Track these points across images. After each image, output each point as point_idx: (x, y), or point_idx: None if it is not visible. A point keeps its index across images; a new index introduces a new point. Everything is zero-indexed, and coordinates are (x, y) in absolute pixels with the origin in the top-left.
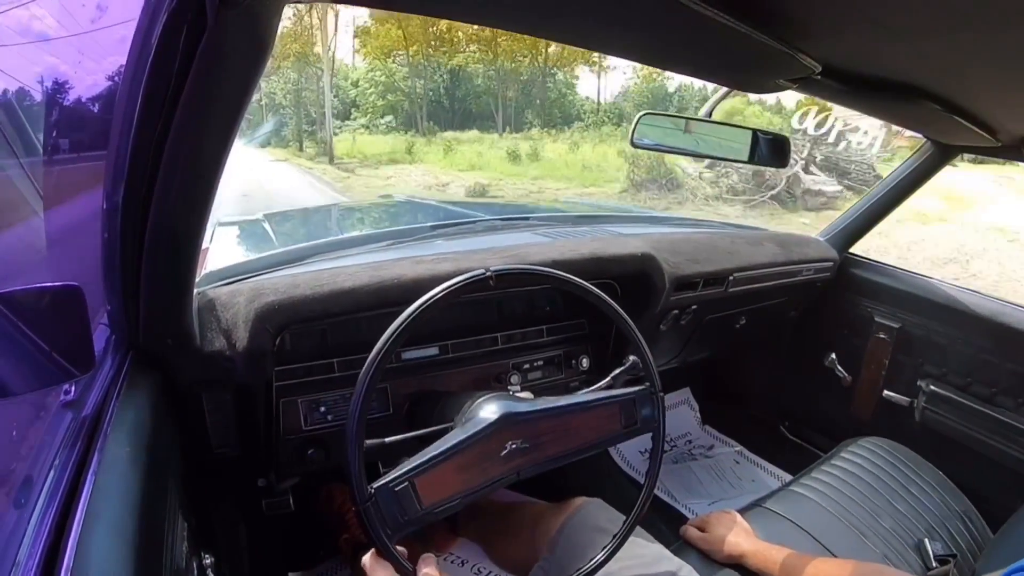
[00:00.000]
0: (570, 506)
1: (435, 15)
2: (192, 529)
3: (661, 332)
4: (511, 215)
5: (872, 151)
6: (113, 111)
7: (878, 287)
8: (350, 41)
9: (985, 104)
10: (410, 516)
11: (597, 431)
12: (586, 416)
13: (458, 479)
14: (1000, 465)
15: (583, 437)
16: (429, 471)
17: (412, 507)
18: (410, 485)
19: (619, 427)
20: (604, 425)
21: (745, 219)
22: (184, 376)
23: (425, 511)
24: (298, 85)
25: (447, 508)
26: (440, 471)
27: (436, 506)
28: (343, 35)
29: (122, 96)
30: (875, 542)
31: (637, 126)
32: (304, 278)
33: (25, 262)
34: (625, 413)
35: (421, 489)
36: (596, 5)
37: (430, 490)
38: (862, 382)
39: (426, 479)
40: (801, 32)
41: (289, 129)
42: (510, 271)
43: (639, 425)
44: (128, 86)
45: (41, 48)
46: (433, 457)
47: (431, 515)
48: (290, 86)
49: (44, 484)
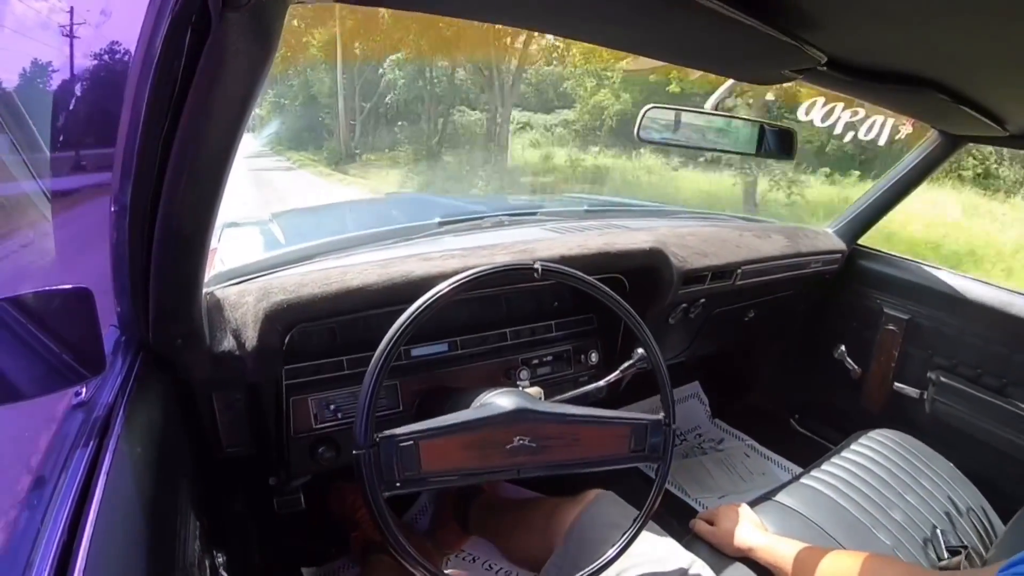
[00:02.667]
0: (583, 500)
1: (442, 13)
2: (204, 528)
3: (670, 326)
4: (518, 210)
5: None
6: (120, 113)
7: (887, 278)
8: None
9: (993, 94)
10: (408, 475)
11: (603, 449)
12: (597, 431)
13: (461, 455)
14: (1011, 456)
15: (588, 451)
16: (437, 438)
17: (412, 466)
18: (415, 445)
19: (626, 450)
20: (612, 444)
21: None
22: (194, 376)
23: (422, 475)
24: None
25: (443, 480)
26: (446, 441)
27: (433, 475)
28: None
29: (128, 97)
30: (885, 534)
31: (643, 120)
32: (312, 276)
33: (34, 265)
34: (635, 437)
35: (424, 453)
36: (601, 0)
37: (432, 456)
38: (872, 374)
39: (431, 445)
40: (806, 23)
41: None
42: (554, 268)
43: (646, 452)
44: (134, 87)
45: (46, 50)
46: (444, 427)
47: (427, 481)
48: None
49: (57, 485)
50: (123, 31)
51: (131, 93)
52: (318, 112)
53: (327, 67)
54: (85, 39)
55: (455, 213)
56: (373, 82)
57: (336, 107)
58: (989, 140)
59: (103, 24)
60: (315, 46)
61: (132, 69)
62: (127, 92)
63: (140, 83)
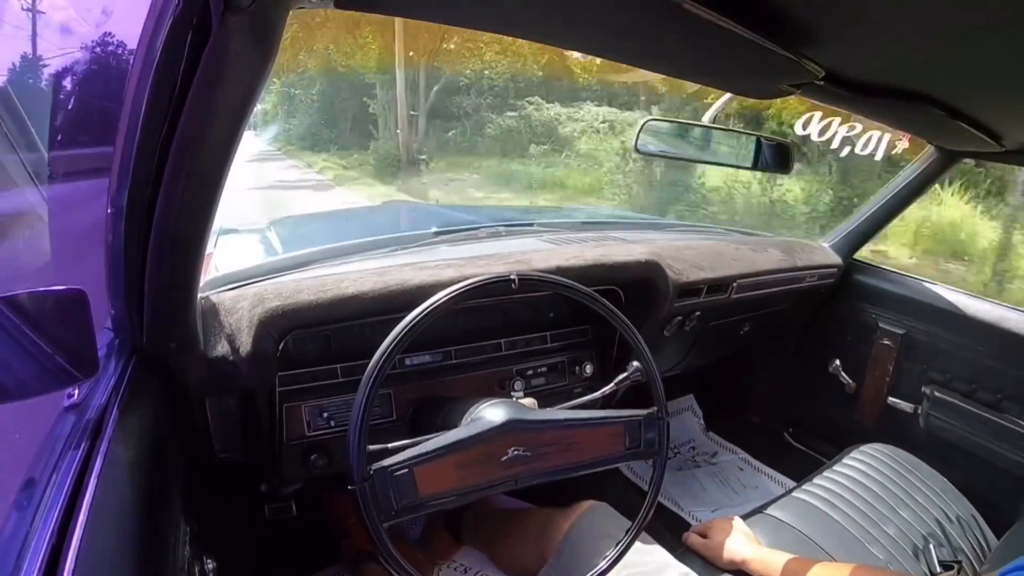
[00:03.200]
0: (576, 510)
1: (442, 22)
2: (194, 533)
3: (665, 338)
4: (515, 221)
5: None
6: (119, 115)
7: (882, 293)
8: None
9: (989, 109)
10: (406, 503)
11: (600, 449)
12: (591, 433)
13: (456, 476)
14: (1005, 471)
15: (585, 453)
16: (430, 462)
17: (409, 493)
18: (410, 472)
19: (622, 448)
20: (607, 444)
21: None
22: (187, 380)
23: (420, 501)
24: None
25: (442, 503)
26: (440, 464)
27: (431, 498)
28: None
29: (127, 100)
30: (879, 548)
31: (641, 133)
32: (308, 283)
33: (29, 265)
34: (630, 434)
35: (420, 479)
36: (599, 11)
37: (428, 481)
38: (866, 388)
39: (426, 470)
40: (804, 38)
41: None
42: (534, 278)
43: (642, 448)
44: (133, 89)
45: (45, 49)
46: (436, 449)
47: (425, 506)
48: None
49: (47, 487)
50: (124, 32)
51: (130, 95)
52: (355, 104)
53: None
54: (85, 39)
55: (451, 223)
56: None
57: (389, 98)
58: (985, 155)
59: (103, 24)
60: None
61: (132, 70)
62: (126, 93)
63: (139, 85)
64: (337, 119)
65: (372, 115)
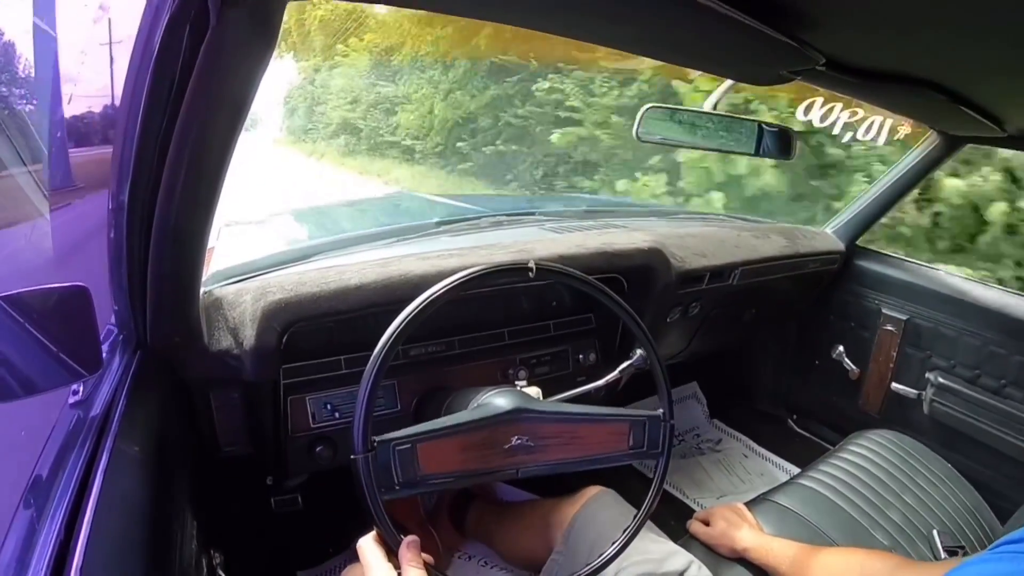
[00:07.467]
0: (582, 497)
1: (443, 12)
2: (201, 527)
3: (668, 326)
4: (517, 210)
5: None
6: (117, 110)
7: (886, 279)
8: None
9: (991, 95)
10: (407, 478)
11: (603, 446)
12: (596, 428)
13: (459, 458)
14: (1009, 457)
15: (587, 449)
16: (434, 440)
17: (410, 469)
18: (413, 447)
19: (625, 447)
20: (611, 441)
21: None
22: (191, 375)
23: (421, 478)
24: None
25: (442, 482)
26: (444, 444)
27: (432, 477)
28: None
29: (126, 95)
30: (883, 535)
31: (642, 120)
32: (310, 276)
33: (32, 262)
34: (634, 434)
35: (422, 456)
36: None
37: (430, 459)
38: (870, 375)
39: (429, 447)
40: (805, 24)
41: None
42: (552, 267)
43: (645, 449)
44: (132, 85)
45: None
46: (442, 428)
47: (426, 483)
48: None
49: (53, 484)
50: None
51: (129, 90)
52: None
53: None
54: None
55: (453, 213)
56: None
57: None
58: (988, 140)
59: (100, 20)
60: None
61: (130, 66)
62: (125, 89)
63: (138, 80)
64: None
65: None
